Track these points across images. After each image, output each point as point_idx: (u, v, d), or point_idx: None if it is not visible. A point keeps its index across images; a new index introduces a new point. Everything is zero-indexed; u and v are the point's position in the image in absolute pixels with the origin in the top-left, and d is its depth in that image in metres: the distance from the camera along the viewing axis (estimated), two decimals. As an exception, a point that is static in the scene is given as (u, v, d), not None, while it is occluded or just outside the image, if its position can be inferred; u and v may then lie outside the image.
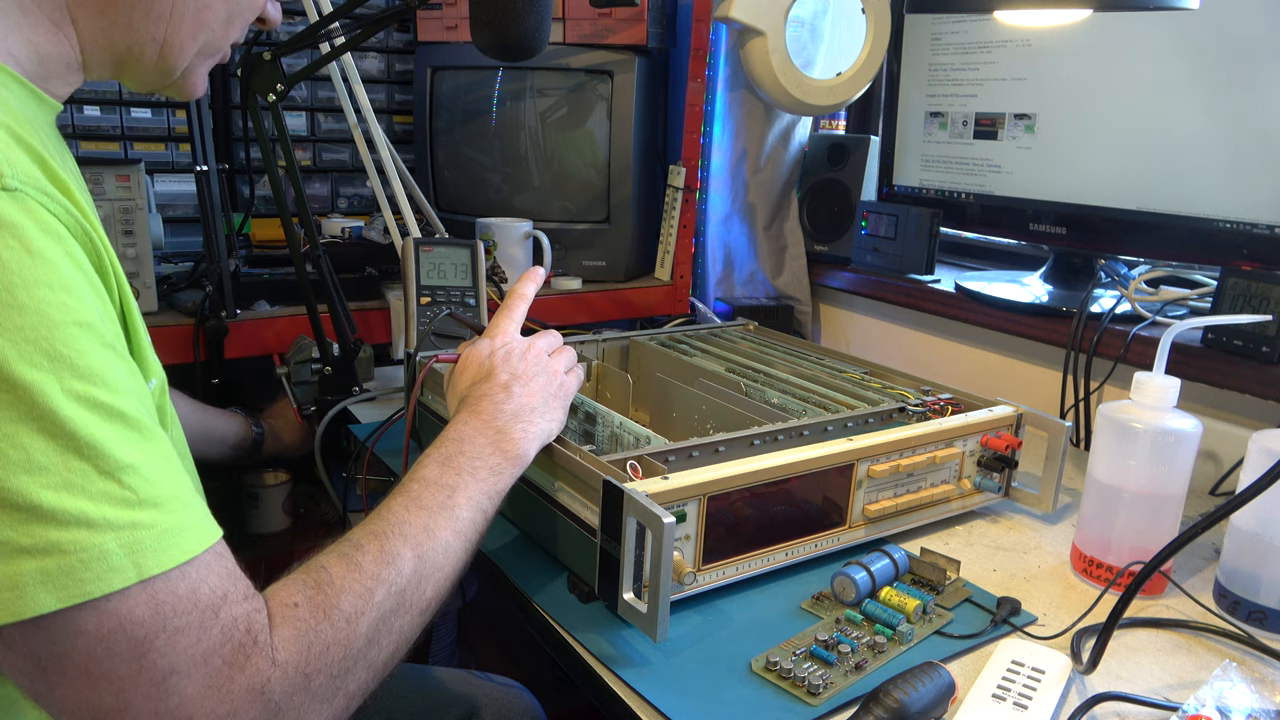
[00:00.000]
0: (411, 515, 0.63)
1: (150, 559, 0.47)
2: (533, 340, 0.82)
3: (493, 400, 0.75)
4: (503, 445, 0.72)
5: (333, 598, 0.55)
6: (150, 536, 0.47)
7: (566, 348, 0.85)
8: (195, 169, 1.17)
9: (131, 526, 0.47)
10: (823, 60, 1.52)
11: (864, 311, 1.57)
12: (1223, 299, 1.02)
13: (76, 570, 0.45)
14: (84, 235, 0.51)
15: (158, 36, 0.61)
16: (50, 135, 0.60)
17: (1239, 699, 0.62)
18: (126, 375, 0.50)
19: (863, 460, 0.82)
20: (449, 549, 0.64)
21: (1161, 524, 0.79)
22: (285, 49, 1.07)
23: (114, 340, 0.50)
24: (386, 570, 0.58)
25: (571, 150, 1.48)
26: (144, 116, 1.45)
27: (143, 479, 0.48)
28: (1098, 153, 1.18)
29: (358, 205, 1.65)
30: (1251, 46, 1.01)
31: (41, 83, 0.59)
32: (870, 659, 0.68)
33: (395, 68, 1.65)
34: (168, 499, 0.49)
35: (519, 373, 0.77)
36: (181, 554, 0.48)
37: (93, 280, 0.50)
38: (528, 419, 0.75)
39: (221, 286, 1.19)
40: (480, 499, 0.68)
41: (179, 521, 0.49)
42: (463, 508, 0.66)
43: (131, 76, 0.64)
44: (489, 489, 0.69)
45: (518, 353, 0.79)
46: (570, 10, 1.40)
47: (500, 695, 1.00)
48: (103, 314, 0.50)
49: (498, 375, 0.77)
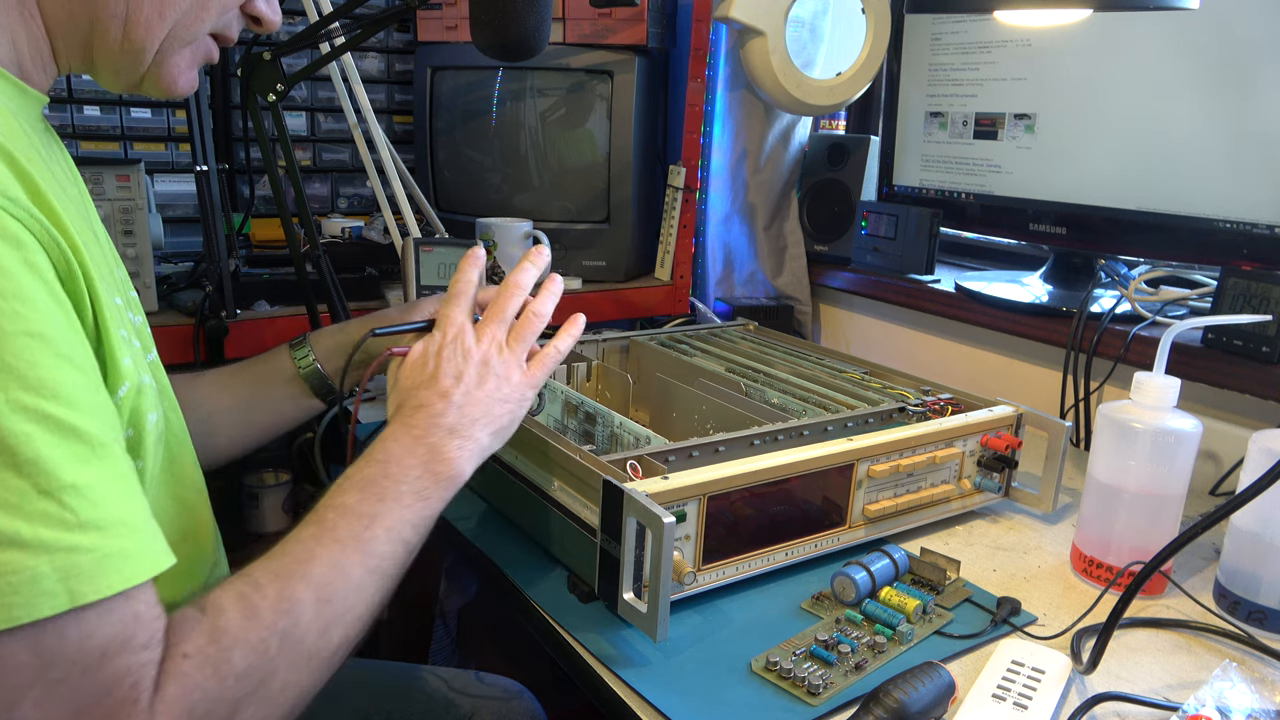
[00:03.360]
0: (321, 550, 0.57)
1: (85, 584, 0.44)
2: (488, 327, 0.72)
3: (429, 413, 0.66)
4: (434, 466, 0.64)
5: (225, 651, 0.50)
6: (88, 561, 0.45)
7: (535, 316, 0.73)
8: (195, 169, 1.17)
9: (69, 550, 0.44)
10: (823, 60, 1.52)
11: (864, 311, 1.57)
12: (1223, 299, 1.02)
13: (4, 594, 0.43)
14: (50, 241, 0.48)
15: (118, 13, 0.58)
16: (34, 128, 0.59)
17: (1239, 699, 0.62)
18: (84, 388, 0.48)
19: (863, 460, 0.82)
20: (361, 588, 0.58)
21: (1161, 524, 0.79)
22: (285, 49, 1.07)
23: (72, 352, 0.48)
24: (284, 620, 0.53)
25: (571, 150, 1.48)
26: (144, 116, 1.45)
27: (86, 500, 0.45)
28: (1098, 153, 1.18)
29: (358, 205, 1.65)
30: (1251, 46, 1.01)
31: (20, 74, 0.57)
32: (870, 659, 0.68)
33: (395, 68, 1.65)
34: (112, 523, 0.46)
35: (463, 375, 0.69)
36: (121, 581, 0.46)
37: (53, 289, 0.48)
38: (467, 433, 0.67)
39: (221, 286, 1.19)
40: (402, 529, 0.62)
41: (121, 547, 0.46)
42: (381, 540, 0.60)
43: (102, 64, 0.61)
44: (414, 517, 0.63)
45: (463, 350, 0.70)
46: (570, 10, 1.40)
47: (500, 695, 1.00)
48: (64, 324, 0.48)
49: (440, 380, 0.68)
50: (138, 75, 0.61)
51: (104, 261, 0.61)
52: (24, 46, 0.57)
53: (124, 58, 0.60)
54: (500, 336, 0.71)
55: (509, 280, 0.74)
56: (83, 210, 0.63)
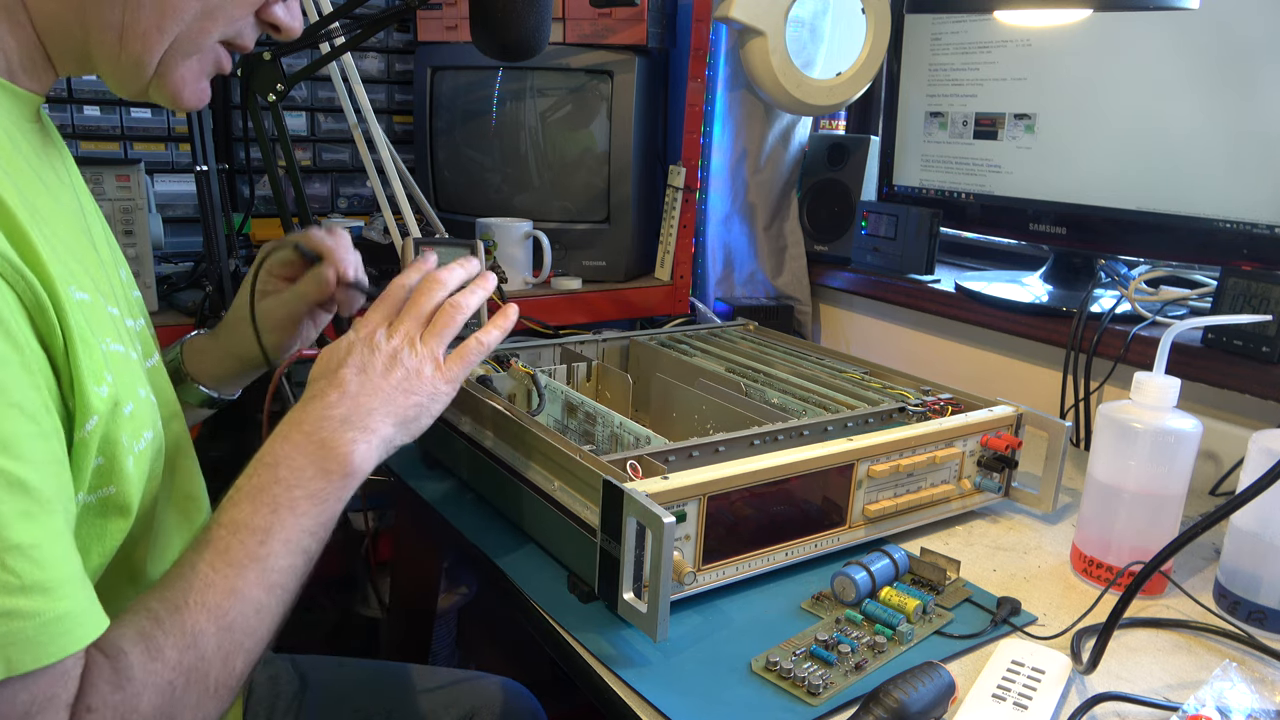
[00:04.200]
0: (217, 576, 0.54)
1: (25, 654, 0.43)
2: (402, 323, 0.67)
3: (321, 403, 0.62)
4: (326, 463, 0.60)
5: (132, 697, 0.49)
6: (31, 628, 0.43)
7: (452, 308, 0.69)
8: (195, 169, 1.17)
9: (8, 615, 0.42)
10: (823, 60, 1.52)
11: (864, 311, 1.57)
12: (1223, 299, 1.02)
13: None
14: (16, 276, 0.46)
15: (114, 22, 0.56)
16: (25, 130, 0.57)
17: (1239, 699, 0.62)
18: (34, 438, 0.46)
19: (863, 460, 0.82)
20: (262, 609, 0.56)
21: (1161, 524, 0.79)
22: (285, 49, 1.07)
23: (23, 399, 0.45)
24: (188, 655, 0.51)
25: (571, 150, 1.48)
26: (144, 116, 1.45)
27: (30, 561, 0.43)
28: (1098, 153, 1.18)
29: (358, 205, 1.65)
30: (1251, 46, 1.01)
31: (9, 77, 0.56)
32: (870, 659, 0.68)
33: (395, 68, 1.65)
34: (57, 583, 0.45)
35: (367, 364, 0.64)
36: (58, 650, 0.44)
37: (12, 332, 0.46)
38: (363, 423, 0.62)
39: (221, 286, 1.19)
40: (301, 538, 0.58)
41: (66, 610, 0.45)
42: (278, 555, 0.57)
43: (104, 72, 0.59)
44: (311, 524, 0.59)
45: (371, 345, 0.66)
46: (570, 10, 1.40)
47: (500, 695, 1.00)
48: (18, 371, 0.46)
49: (340, 370, 0.64)
50: (141, 85, 0.60)
51: (98, 267, 0.60)
52: (13, 53, 0.56)
53: (124, 68, 0.58)
54: (414, 332, 0.67)
55: (429, 276, 0.71)
56: (75, 214, 0.61)
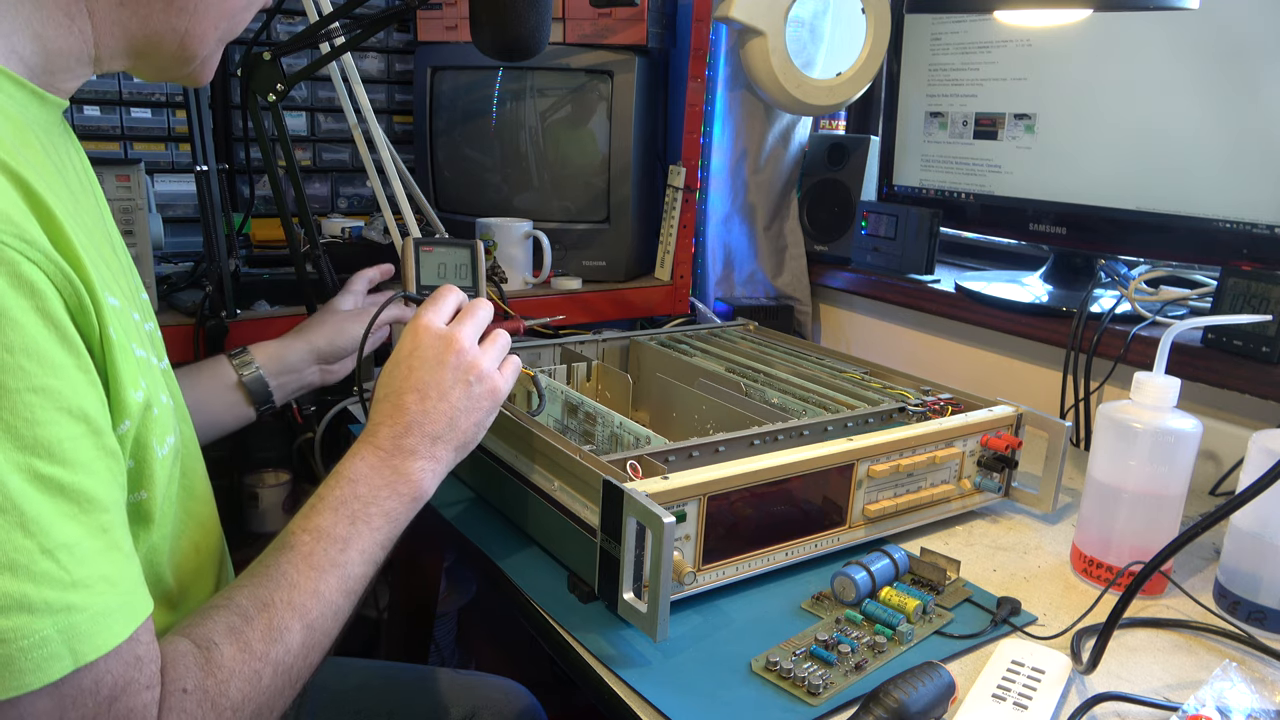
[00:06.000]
0: (302, 578, 0.59)
1: (85, 644, 0.45)
2: (458, 329, 0.71)
3: (391, 430, 0.67)
4: (399, 487, 0.66)
5: (222, 683, 0.52)
6: (84, 620, 0.45)
7: (500, 333, 0.75)
8: (195, 169, 1.17)
9: (66, 610, 0.45)
10: (823, 60, 1.52)
11: (864, 311, 1.57)
12: (1223, 299, 1.02)
13: (16, 660, 0.43)
14: (64, 281, 0.47)
15: (179, 28, 0.59)
16: (54, 135, 0.58)
17: (1239, 699, 0.62)
18: (81, 438, 0.47)
19: (863, 460, 0.82)
20: (338, 612, 0.60)
21: (1161, 524, 0.79)
22: (285, 49, 1.07)
23: (73, 402, 0.47)
24: (275, 648, 0.55)
25: (571, 150, 1.48)
26: (144, 116, 1.45)
27: (76, 558, 0.46)
28: (1098, 153, 1.18)
29: (358, 205, 1.65)
30: (1251, 46, 1.01)
31: (46, 78, 0.56)
32: (870, 659, 0.68)
33: (395, 68, 1.65)
34: (97, 579, 0.47)
35: (428, 387, 0.69)
36: (114, 637, 0.47)
37: (66, 334, 0.47)
38: (429, 453, 0.68)
39: (221, 286, 1.19)
40: (374, 551, 0.63)
41: (108, 603, 0.47)
42: (356, 564, 0.62)
43: (146, 67, 0.62)
44: (383, 539, 0.64)
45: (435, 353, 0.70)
46: (570, 10, 1.40)
47: (500, 695, 1.00)
48: (72, 373, 0.47)
49: (404, 393, 0.68)
50: (180, 75, 0.63)
51: (120, 273, 0.61)
52: (61, 55, 0.56)
53: (174, 63, 0.62)
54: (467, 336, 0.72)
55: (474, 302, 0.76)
56: (97, 219, 0.63)
